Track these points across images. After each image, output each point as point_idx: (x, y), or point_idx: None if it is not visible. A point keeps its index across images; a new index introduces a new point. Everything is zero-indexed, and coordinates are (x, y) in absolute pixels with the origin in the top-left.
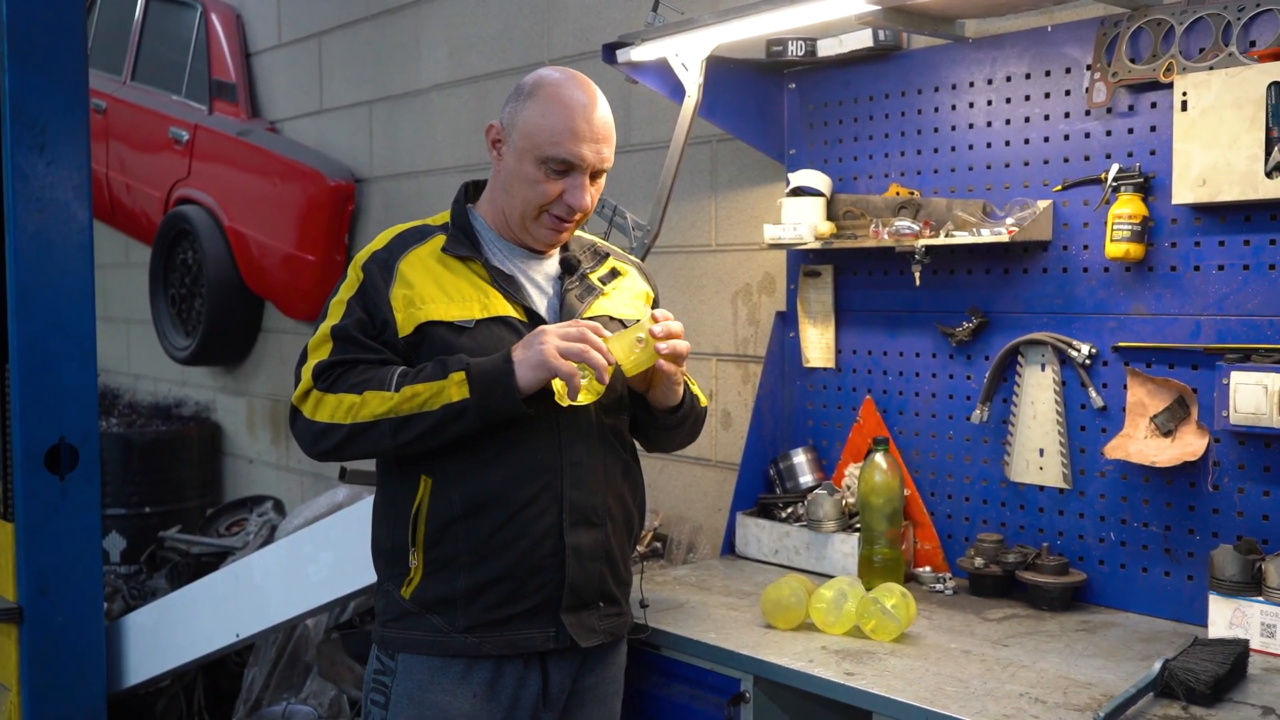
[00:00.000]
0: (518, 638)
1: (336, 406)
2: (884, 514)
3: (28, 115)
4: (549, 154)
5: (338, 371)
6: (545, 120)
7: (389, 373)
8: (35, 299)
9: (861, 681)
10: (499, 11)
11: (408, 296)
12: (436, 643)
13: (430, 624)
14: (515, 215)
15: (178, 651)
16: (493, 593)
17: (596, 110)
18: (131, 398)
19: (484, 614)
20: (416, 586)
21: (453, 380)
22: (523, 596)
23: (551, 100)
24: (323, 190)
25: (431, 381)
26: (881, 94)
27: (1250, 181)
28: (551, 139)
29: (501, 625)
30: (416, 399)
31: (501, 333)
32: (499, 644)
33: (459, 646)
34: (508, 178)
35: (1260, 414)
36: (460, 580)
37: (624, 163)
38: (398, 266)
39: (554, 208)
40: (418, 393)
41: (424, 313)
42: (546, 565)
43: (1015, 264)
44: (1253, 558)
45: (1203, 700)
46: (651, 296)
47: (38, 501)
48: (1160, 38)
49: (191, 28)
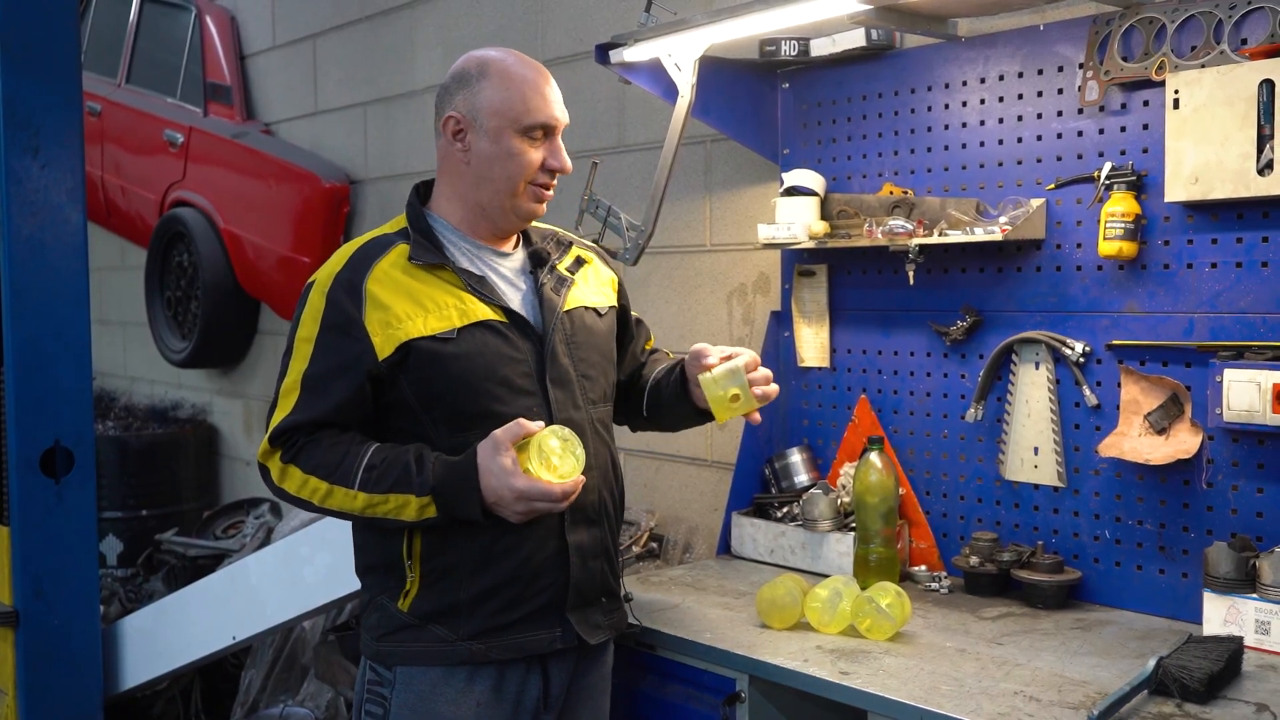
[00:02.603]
0: (524, 640)
1: (302, 485)
2: (879, 513)
3: (21, 118)
4: (529, 122)
5: (300, 442)
6: (512, 93)
7: (353, 464)
8: (30, 302)
9: (857, 681)
10: (492, 13)
11: (383, 319)
12: (440, 653)
13: (432, 634)
14: (498, 198)
15: (174, 654)
16: (498, 598)
17: (543, 71)
18: (128, 400)
19: (489, 620)
20: (415, 598)
21: (416, 502)
22: (528, 599)
23: (509, 75)
24: (318, 192)
25: (396, 494)
26: (875, 93)
27: (1242, 179)
28: (527, 108)
29: (507, 630)
30: (382, 507)
31: (485, 337)
32: (505, 648)
33: (464, 655)
34: (483, 162)
35: (1254, 411)
36: (463, 589)
37: (618, 163)
38: (365, 287)
39: (538, 176)
40: (385, 500)
41: (403, 331)
42: (550, 566)
43: (1009, 263)
44: (1247, 555)
45: (1197, 698)
46: (617, 282)
47: (33, 504)
48: (1152, 36)
49: (186, 30)
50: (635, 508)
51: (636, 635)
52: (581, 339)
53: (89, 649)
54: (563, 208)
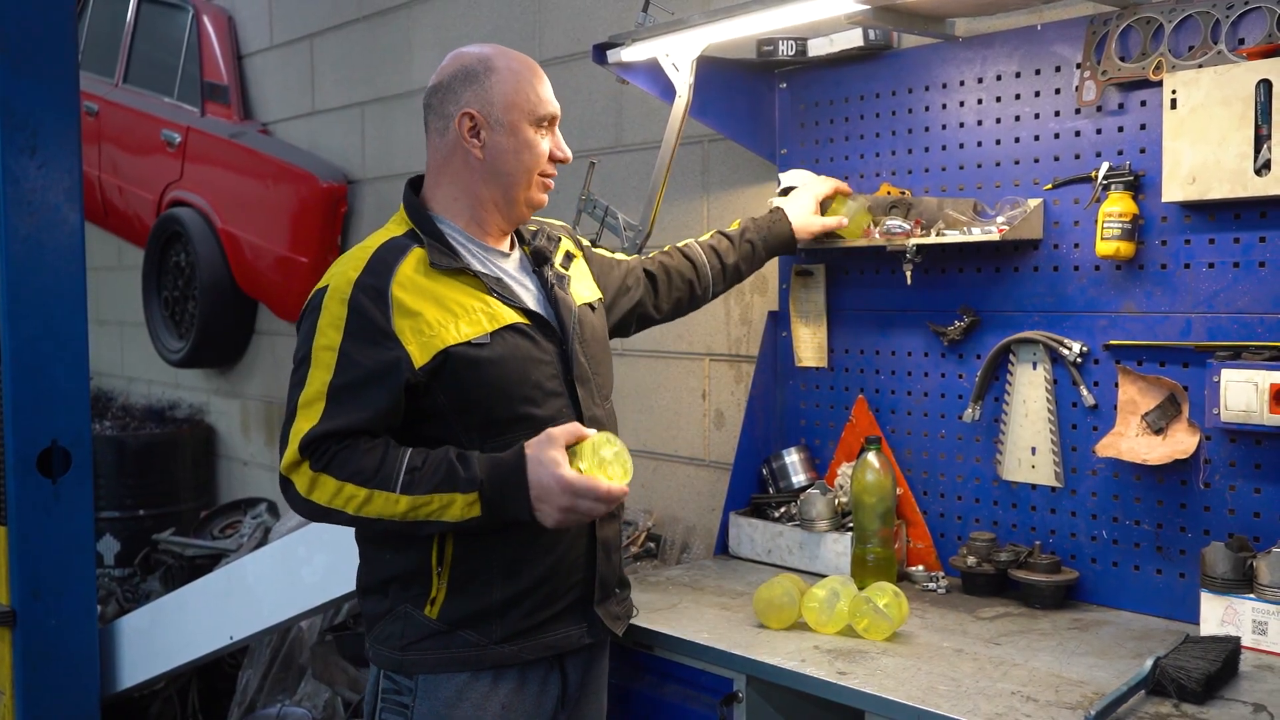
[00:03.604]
0: (555, 639)
1: (336, 493)
2: (877, 513)
3: (18, 118)
4: (542, 113)
5: (333, 450)
6: (522, 84)
7: (394, 467)
8: (27, 302)
9: (854, 681)
10: (490, 12)
11: (415, 326)
12: (469, 658)
13: (462, 640)
14: (513, 190)
15: (172, 654)
16: (530, 599)
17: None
18: (125, 400)
19: (521, 621)
20: (443, 604)
21: (461, 500)
22: (559, 598)
23: (514, 69)
24: (315, 192)
25: (440, 493)
26: (872, 93)
27: (1239, 179)
28: (540, 99)
29: (537, 629)
30: (425, 508)
31: (515, 340)
32: (536, 648)
33: (495, 658)
34: (498, 156)
35: (1251, 411)
36: (495, 592)
37: (616, 163)
38: (391, 293)
39: (546, 167)
40: (428, 502)
41: (440, 339)
42: (580, 562)
43: (1006, 263)
44: (1244, 555)
45: (1194, 698)
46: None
47: (30, 505)
48: (1149, 36)
49: (183, 30)
50: (633, 507)
51: (634, 636)
52: (588, 335)
53: (86, 649)
54: (560, 207)
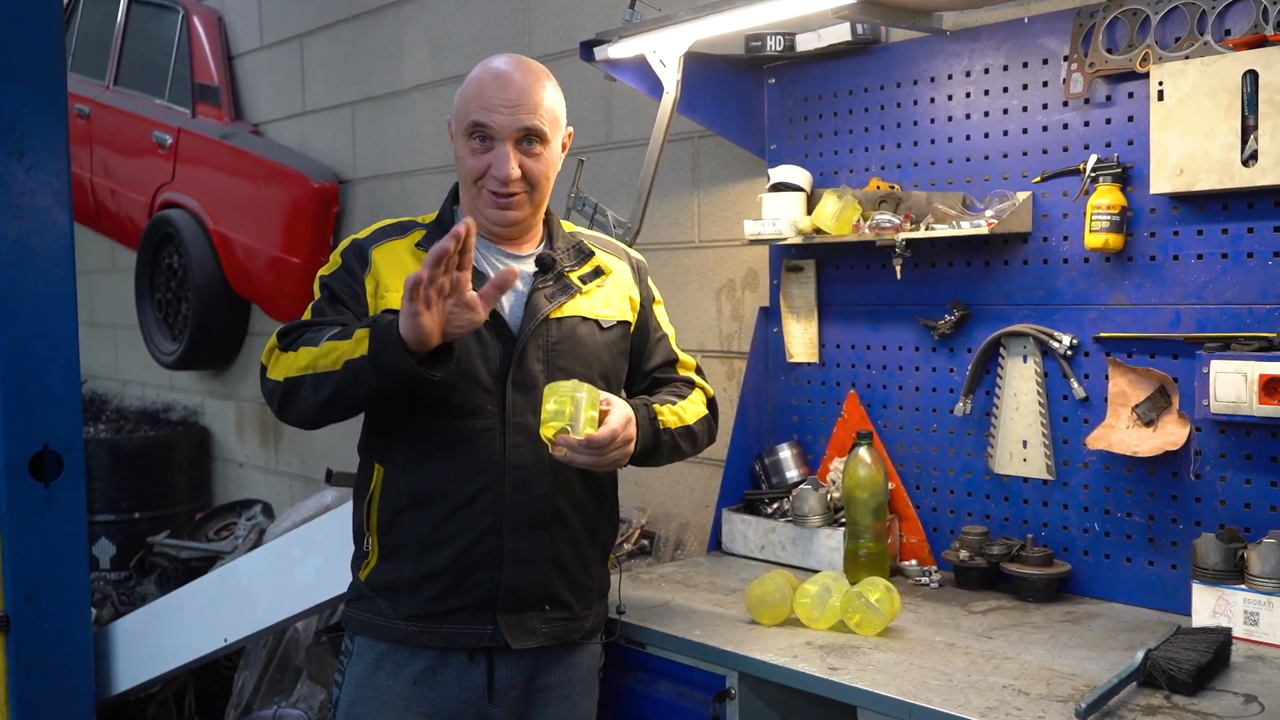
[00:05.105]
0: (454, 632)
1: (289, 364)
2: (869, 508)
3: (5, 121)
4: (467, 122)
5: (299, 331)
6: (467, 93)
7: (330, 329)
8: (16, 306)
9: (846, 676)
10: (479, 11)
11: (376, 289)
12: (382, 627)
13: (379, 608)
14: (467, 199)
15: (167, 657)
16: (433, 585)
17: (514, 76)
18: (119, 403)
19: (424, 605)
20: (371, 570)
21: (358, 336)
22: (460, 592)
23: (473, 77)
24: (307, 192)
25: (346, 340)
26: (860, 88)
27: (1227, 170)
28: (467, 108)
29: (440, 618)
30: (331, 354)
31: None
32: (436, 636)
33: (400, 634)
34: (457, 165)
35: (1240, 402)
36: (406, 569)
37: (606, 160)
38: (371, 253)
39: (487, 182)
40: (334, 348)
41: (385, 301)
42: (484, 564)
43: (996, 256)
44: (1235, 546)
45: (1185, 689)
46: (638, 302)
47: (23, 509)
48: (1136, 28)
49: (173, 31)
50: (626, 505)
51: (627, 634)
52: (565, 348)
53: (81, 653)
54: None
